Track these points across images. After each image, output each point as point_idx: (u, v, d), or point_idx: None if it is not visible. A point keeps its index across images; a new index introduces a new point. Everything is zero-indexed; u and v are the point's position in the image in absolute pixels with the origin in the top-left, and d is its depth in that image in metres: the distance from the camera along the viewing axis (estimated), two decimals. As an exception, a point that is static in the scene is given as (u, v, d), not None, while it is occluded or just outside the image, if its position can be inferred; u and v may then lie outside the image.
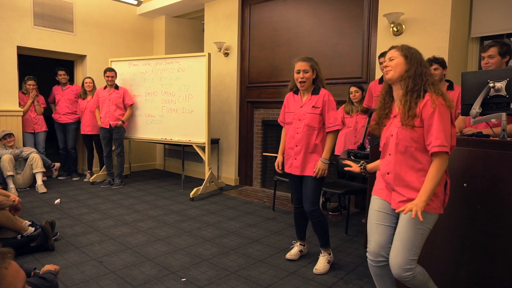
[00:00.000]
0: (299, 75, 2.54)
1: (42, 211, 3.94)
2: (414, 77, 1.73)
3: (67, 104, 5.62)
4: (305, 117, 2.58)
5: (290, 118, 2.70)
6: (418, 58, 1.78)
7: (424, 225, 1.70)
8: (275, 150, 5.35)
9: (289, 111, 2.71)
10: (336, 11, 4.34)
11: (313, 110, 2.56)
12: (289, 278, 2.53)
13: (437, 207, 1.72)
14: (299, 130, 2.60)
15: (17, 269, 1.23)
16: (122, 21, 6.29)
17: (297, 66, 2.55)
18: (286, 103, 2.76)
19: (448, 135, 1.65)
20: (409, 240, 1.70)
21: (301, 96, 2.65)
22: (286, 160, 2.71)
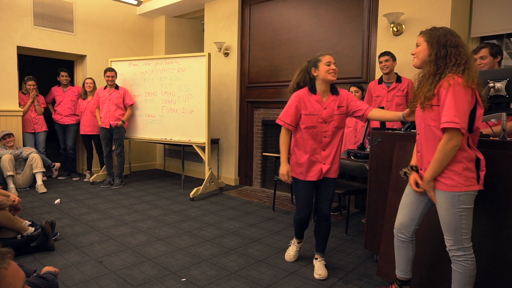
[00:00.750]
0: (330, 67, 2.35)
1: (42, 211, 3.94)
2: (436, 61, 1.75)
3: (69, 105, 5.62)
4: (333, 119, 2.40)
5: (313, 121, 2.40)
6: (442, 40, 1.75)
7: (457, 206, 1.73)
8: (275, 150, 5.35)
9: (311, 113, 2.40)
10: (336, 11, 4.34)
11: (340, 110, 2.41)
12: (289, 278, 2.53)
13: (461, 184, 1.71)
14: (327, 134, 2.41)
15: (17, 269, 1.23)
16: (122, 21, 6.29)
17: (327, 58, 2.37)
18: (301, 104, 2.41)
19: (462, 113, 1.64)
20: (449, 225, 1.77)
21: (321, 96, 2.42)
22: (308, 167, 2.44)
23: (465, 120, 1.65)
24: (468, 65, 1.70)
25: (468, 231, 1.75)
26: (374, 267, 2.68)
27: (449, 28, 1.80)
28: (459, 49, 1.73)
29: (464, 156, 1.72)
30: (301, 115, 2.43)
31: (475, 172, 1.73)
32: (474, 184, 1.73)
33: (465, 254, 1.77)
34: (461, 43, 1.74)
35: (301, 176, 2.47)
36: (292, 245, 2.84)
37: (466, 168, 1.72)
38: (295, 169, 2.50)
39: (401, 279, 2.12)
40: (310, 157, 2.44)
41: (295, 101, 2.43)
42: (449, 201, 1.74)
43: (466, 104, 1.65)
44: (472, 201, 1.75)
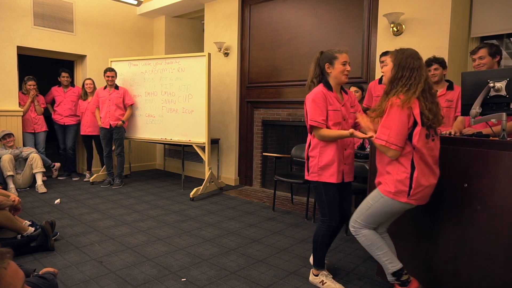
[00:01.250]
0: (345, 67, 2.27)
1: (42, 211, 3.94)
2: (393, 82, 1.99)
3: (70, 106, 5.62)
4: (349, 116, 2.37)
5: (339, 117, 2.29)
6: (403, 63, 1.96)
7: (370, 199, 2.10)
8: (275, 150, 5.36)
9: (336, 109, 2.29)
10: (336, 11, 4.34)
11: (353, 109, 2.41)
12: (289, 278, 2.53)
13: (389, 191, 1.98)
14: None
15: (16, 269, 1.23)
16: (122, 21, 6.29)
17: (344, 57, 2.26)
18: (328, 100, 2.27)
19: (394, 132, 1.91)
20: (360, 206, 2.16)
21: (337, 94, 2.35)
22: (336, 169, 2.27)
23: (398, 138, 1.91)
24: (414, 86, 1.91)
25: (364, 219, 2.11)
26: (374, 267, 2.68)
27: (413, 51, 1.98)
28: (413, 72, 1.93)
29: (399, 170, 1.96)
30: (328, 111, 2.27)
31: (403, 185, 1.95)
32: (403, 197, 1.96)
33: (354, 230, 2.16)
34: (418, 66, 1.94)
35: (332, 179, 2.27)
36: (325, 278, 2.37)
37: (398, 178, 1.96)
38: (323, 173, 2.29)
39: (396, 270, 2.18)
40: (334, 156, 2.26)
41: (321, 97, 2.26)
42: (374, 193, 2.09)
43: (399, 124, 1.90)
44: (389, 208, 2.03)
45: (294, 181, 3.90)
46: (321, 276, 2.38)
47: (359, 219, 2.14)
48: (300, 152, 4.27)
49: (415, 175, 1.92)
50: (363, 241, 2.15)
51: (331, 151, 2.27)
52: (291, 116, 4.91)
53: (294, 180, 3.90)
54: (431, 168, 1.96)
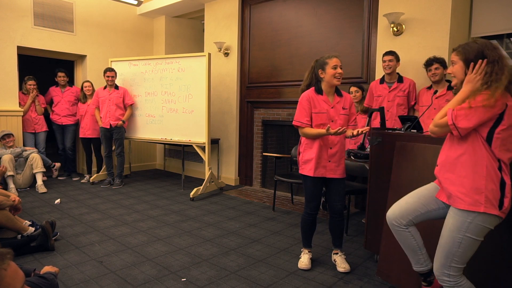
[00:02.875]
0: (336, 71, 2.46)
1: (42, 211, 3.94)
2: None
3: (67, 106, 5.62)
4: (339, 118, 2.54)
5: (322, 119, 2.53)
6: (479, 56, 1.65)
7: (461, 233, 1.62)
8: (275, 150, 5.36)
9: (320, 111, 2.53)
10: (336, 11, 4.34)
11: (344, 111, 2.56)
12: (289, 278, 2.53)
13: (480, 204, 1.58)
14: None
15: (16, 270, 1.23)
16: (122, 21, 6.29)
17: (334, 61, 2.46)
18: (311, 103, 2.54)
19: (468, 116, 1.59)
20: (445, 247, 1.67)
21: (327, 96, 2.56)
22: (315, 164, 2.54)
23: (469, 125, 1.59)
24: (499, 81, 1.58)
25: (461, 260, 1.65)
26: (374, 267, 2.68)
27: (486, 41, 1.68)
28: (494, 65, 1.61)
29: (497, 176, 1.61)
30: (311, 113, 2.55)
31: (496, 193, 1.60)
32: (493, 208, 1.59)
33: (450, 280, 1.67)
34: (499, 57, 1.62)
35: (310, 172, 2.56)
36: (303, 254, 2.76)
37: (488, 188, 1.60)
38: (304, 167, 2.60)
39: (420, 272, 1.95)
40: (318, 154, 2.54)
41: (306, 100, 2.55)
42: (456, 221, 1.64)
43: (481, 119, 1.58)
44: (481, 233, 1.62)
45: (294, 181, 3.90)
46: (302, 252, 2.77)
47: (454, 263, 1.65)
48: (300, 152, 4.27)
49: (508, 181, 1.61)
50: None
51: (314, 148, 2.55)
52: (291, 116, 4.91)
53: (294, 180, 3.90)
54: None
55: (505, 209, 1.60)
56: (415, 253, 1.90)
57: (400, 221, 1.87)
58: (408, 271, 2.20)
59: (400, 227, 1.87)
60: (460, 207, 1.63)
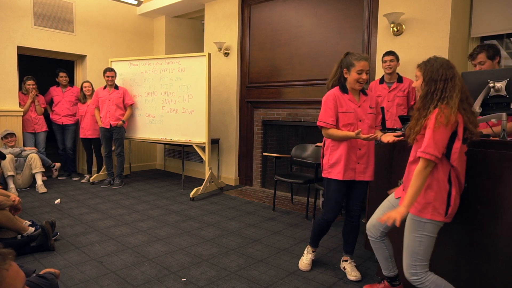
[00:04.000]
0: (361, 76, 2.32)
1: (42, 211, 3.94)
2: (425, 97, 1.81)
3: (68, 106, 5.62)
4: (367, 117, 2.41)
5: (350, 118, 2.38)
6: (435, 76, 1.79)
7: (420, 232, 1.81)
8: (275, 150, 5.36)
9: (347, 110, 2.38)
10: (336, 11, 4.34)
11: (372, 110, 2.43)
12: (289, 278, 2.53)
13: (432, 213, 1.77)
14: (362, 132, 2.35)
15: (17, 270, 1.23)
16: (122, 21, 6.29)
17: (361, 65, 2.31)
18: (337, 102, 2.39)
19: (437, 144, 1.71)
20: (408, 247, 1.85)
21: (353, 95, 2.42)
22: (344, 167, 2.39)
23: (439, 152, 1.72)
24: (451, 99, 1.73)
25: (424, 258, 1.81)
26: (374, 267, 2.68)
27: (444, 60, 1.82)
28: (447, 83, 1.76)
29: (439, 187, 1.78)
30: (338, 113, 2.40)
31: (443, 204, 1.78)
32: (441, 215, 1.78)
33: (418, 278, 1.81)
34: (451, 76, 1.76)
35: (338, 176, 2.40)
36: (307, 253, 2.71)
37: (437, 199, 1.78)
38: (331, 170, 2.44)
39: (388, 276, 2.22)
40: (347, 156, 2.39)
41: (332, 99, 2.39)
42: (413, 224, 1.82)
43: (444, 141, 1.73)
44: (435, 231, 1.80)
45: (294, 181, 3.91)
46: (306, 250, 2.74)
47: (417, 262, 1.81)
48: (300, 152, 4.27)
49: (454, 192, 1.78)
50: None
51: (341, 150, 2.40)
52: (291, 116, 4.91)
53: (294, 180, 3.90)
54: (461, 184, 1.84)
55: (449, 215, 1.80)
56: (386, 261, 2.17)
57: (374, 233, 2.14)
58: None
59: (375, 239, 2.15)
60: (412, 212, 1.82)
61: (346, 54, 2.41)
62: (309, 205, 3.97)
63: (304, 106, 4.73)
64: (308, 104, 4.66)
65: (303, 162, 4.19)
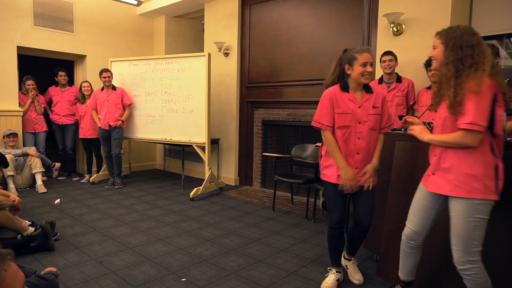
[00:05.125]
0: (365, 68, 2.13)
1: (42, 211, 3.94)
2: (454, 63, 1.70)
3: (67, 105, 5.62)
4: (368, 119, 2.19)
5: (347, 120, 2.19)
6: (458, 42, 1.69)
7: (474, 215, 1.67)
8: (275, 150, 5.36)
9: (344, 111, 2.19)
10: (336, 11, 4.34)
11: (375, 110, 2.21)
12: (289, 278, 2.53)
13: (484, 193, 1.65)
14: (362, 135, 2.20)
15: (16, 271, 1.23)
16: (122, 21, 6.29)
17: (364, 57, 2.13)
18: (333, 102, 2.20)
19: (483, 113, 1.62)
20: (462, 234, 1.71)
21: (354, 94, 2.23)
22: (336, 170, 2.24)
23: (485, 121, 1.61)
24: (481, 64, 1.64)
25: (479, 243, 1.70)
26: (374, 267, 2.68)
27: (466, 27, 1.72)
28: (474, 49, 1.66)
29: (485, 161, 1.67)
30: (334, 114, 2.22)
31: (494, 181, 1.67)
32: (493, 193, 1.67)
33: (474, 267, 1.70)
34: (476, 42, 1.67)
35: (332, 179, 2.26)
36: (330, 273, 2.43)
37: (486, 174, 1.66)
38: (325, 172, 2.30)
39: (405, 281, 2.12)
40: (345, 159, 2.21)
41: (328, 99, 2.21)
42: (466, 208, 1.68)
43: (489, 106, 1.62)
44: (489, 211, 1.68)
45: (294, 181, 3.90)
46: (329, 271, 2.46)
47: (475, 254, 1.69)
48: (300, 152, 4.27)
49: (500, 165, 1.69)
50: (483, 282, 1.71)
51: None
52: (291, 116, 4.91)
53: (294, 180, 3.90)
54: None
55: (499, 191, 1.68)
56: (414, 267, 2.06)
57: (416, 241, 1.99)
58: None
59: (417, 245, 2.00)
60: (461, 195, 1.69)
61: (345, 50, 2.25)
62: (309, 205, 3.97)
63: (304, 106, 4.73)
64: (308, 104, 4.66)
65: (303, 162, 4.19)
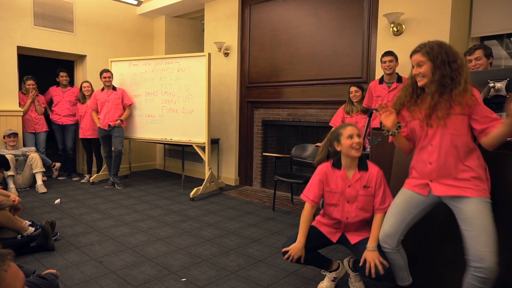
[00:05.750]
0: (353, 140, 2.09)
1: (42, 211, 3.94)
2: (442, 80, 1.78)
3: (68, 106, 5.62)
4: (356, 199, 2.15)
5: (334, 199, 2.19)
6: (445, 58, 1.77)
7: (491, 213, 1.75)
8: (275, 150, 5.36)
9: (332, 190, 2.19)
10: (336, 11, 4.34)
11: (366, 191, 2.13)
12: (289, 278, 2.53)
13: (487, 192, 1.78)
14: (350, 215, 2.17)
15: (16, 271, 1.23)
16: (122, 21, 6.29)
17: (348, 130, 2.12)
18: (323, 178, 2.22)
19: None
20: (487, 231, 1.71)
21: (346, 172, 2.19)
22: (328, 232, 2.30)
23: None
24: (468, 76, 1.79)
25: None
26: (374, 267, 2.67)
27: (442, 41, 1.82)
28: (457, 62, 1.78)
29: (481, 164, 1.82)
30: (324, 191, 2.24)
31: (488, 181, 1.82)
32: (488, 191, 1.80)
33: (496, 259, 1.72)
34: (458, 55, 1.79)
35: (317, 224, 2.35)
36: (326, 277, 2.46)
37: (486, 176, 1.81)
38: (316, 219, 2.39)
39: (403, 286, 2.10)
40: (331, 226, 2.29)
41: (319, 175, 2.24)
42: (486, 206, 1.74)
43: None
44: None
45: (294, 181, 3.91)
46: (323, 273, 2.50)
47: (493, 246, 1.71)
48: (300, 152, 4.27)
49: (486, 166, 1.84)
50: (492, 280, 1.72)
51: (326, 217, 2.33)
52: (291, 116, 4.91)
53: (294, 180, 3.90)
54: None
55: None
56: (402, 271, 2.05)
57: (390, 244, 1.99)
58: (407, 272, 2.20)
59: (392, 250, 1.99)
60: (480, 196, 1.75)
61: (331, 133, 2.27)
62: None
63: (304, 106, 4.73)
64: (308, 104, 4.66)
65: (303, 162, 4.20)
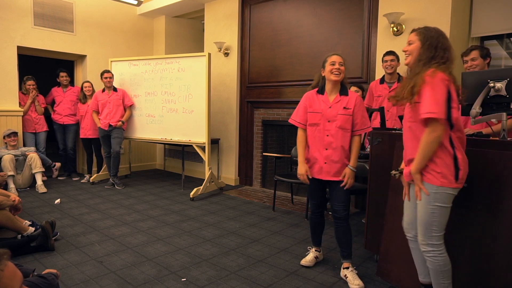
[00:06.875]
0: (334, 66, 2.42)
1: (42, 211, 3.94)
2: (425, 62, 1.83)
3: (69, 105, 5.62)
4: (337, 118, 2.43)
5: (316, 119, 2.48)
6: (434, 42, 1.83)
7: (432, 203, 1.79)
8: (275, 150, 5.36)
9: (314, 111, 2.49)
10: (336, 11, 4.34)
11: (345, 111, 2.43)
12: (289, 278, 2.53)
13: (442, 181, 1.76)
14: (330, 133, 2.44)
15: (14, 270, 1.23)
16: (122, 21, 6.29)
17: (332, 58, 2.44)
18: (308, 103, 2.53)
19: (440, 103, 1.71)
20: (422, 218, 1.84)
21: (328, 96, 2.49)
22: (311, 164, 2.52)
23: (443, 111, 1.70)
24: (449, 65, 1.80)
25: (439, 229, 1.82)
26: (374, 267, 2.68)
27: (440, 30, 1.88)
28: (446, 52, 1.82)
29: (442, 152, 1.78)
30: (307, 113, 2.54)
31: (450, 168, 1.77)
32: (451, 182, 1.77)
33: (433, 250, 1.83)
34: (449, 46, 1.84)
35: (308, 172, 2.53)
36: (310, 252, 2.79)
37: (443, 164, 1.77)
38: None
39: (424, 283, 2.06)
40: (313, 154, 2.51)
41: (303, 100, 2.57)
42: (424, 196, 1.82)
43: (445, 97, 1.72)
44: (448, 200, 1.80)
45: (294, 181, 3.90)
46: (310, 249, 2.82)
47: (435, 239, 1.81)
48: (300, 152, 4.26)
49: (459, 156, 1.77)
50: (442, 265, 1.83)
51: (310, 149, 2.54)
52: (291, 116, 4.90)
53: (294, 180, 3.90)
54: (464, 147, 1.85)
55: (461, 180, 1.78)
56: (424, 264, 2.00)
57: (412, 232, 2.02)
58: (408, 271, 2.21)
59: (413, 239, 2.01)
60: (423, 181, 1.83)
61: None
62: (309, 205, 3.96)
63: (304, 106, 4.72)
64: (308, 104, 4.65)
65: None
